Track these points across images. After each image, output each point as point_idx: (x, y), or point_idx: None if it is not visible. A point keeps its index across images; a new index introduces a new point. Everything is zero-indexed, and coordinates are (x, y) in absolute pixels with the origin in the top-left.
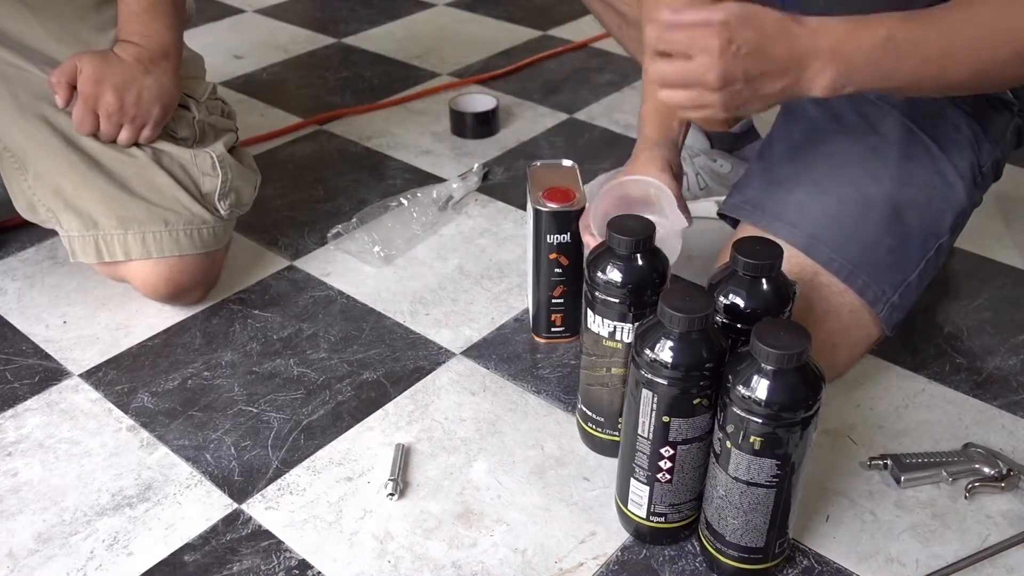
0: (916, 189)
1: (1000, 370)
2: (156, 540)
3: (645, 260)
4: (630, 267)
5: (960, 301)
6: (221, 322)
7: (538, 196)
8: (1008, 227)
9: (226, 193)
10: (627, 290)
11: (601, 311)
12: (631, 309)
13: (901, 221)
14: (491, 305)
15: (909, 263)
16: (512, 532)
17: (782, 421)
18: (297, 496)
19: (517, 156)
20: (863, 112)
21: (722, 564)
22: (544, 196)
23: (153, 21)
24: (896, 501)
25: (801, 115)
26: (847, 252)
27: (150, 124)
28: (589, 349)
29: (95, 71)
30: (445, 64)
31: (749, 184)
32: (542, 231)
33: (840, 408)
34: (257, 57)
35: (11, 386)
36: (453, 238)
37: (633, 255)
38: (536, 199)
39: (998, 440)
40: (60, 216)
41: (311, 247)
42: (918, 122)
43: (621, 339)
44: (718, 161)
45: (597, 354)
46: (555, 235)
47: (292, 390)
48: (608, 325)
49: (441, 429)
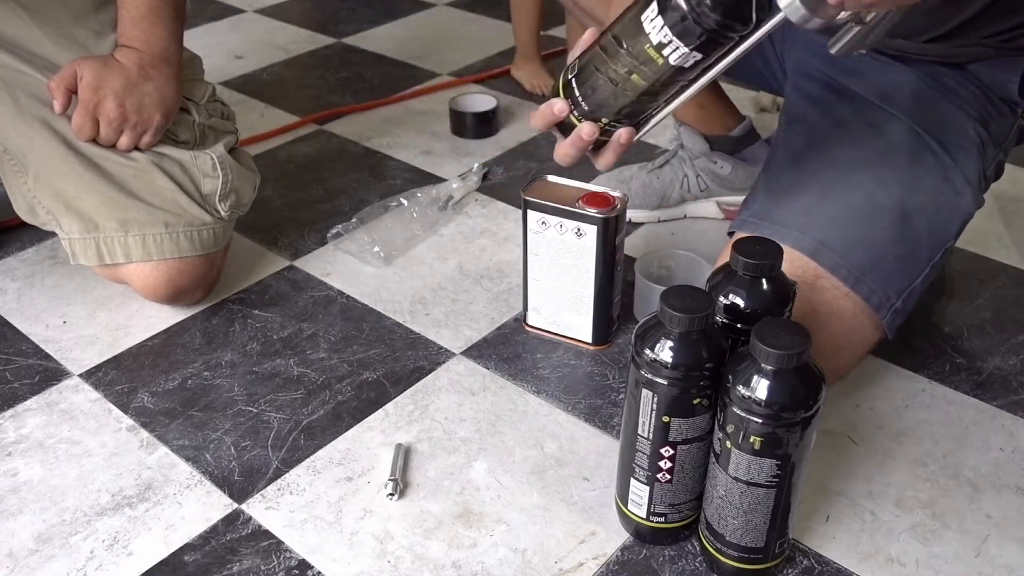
0: (924, 195)
1: (1000, 370)
2: (156, 540)
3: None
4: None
5: (960, 301)
6: (221, 322)
7: (581, 206)
8: (1008, 227)
9: (227, 194)
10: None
11: (671, 18)
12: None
13: (910, 227)
14: (491, 305)
15: (915, 269)
16: (512, 532)
17: (782, 421)
18: (297, 496)
19: (517, 156)
20: (869, 118)
21: (722, 564)
22: (586, 203)
23: (154, 27)
24: (896, 501)
25: (802, 123)
26: (855, 258)
27: (150, 131)
28: (623, 41)
29: (95, 77)
30: (445, 64)
31: (754, 199)
32: (608, 237)
33: (840, 408)
34: (257, 57)
35: (11, 386)
36: (453, 238)
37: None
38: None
39: (998, 440)
40: (60, 219)
41: (311, 247)
42: (925, 127)
43: (667, 56)
44: (718, 163)
45: (630, 52)
46: (620, 235)
47: (292, 390)
48: (666, 35)
49: (441, 429)
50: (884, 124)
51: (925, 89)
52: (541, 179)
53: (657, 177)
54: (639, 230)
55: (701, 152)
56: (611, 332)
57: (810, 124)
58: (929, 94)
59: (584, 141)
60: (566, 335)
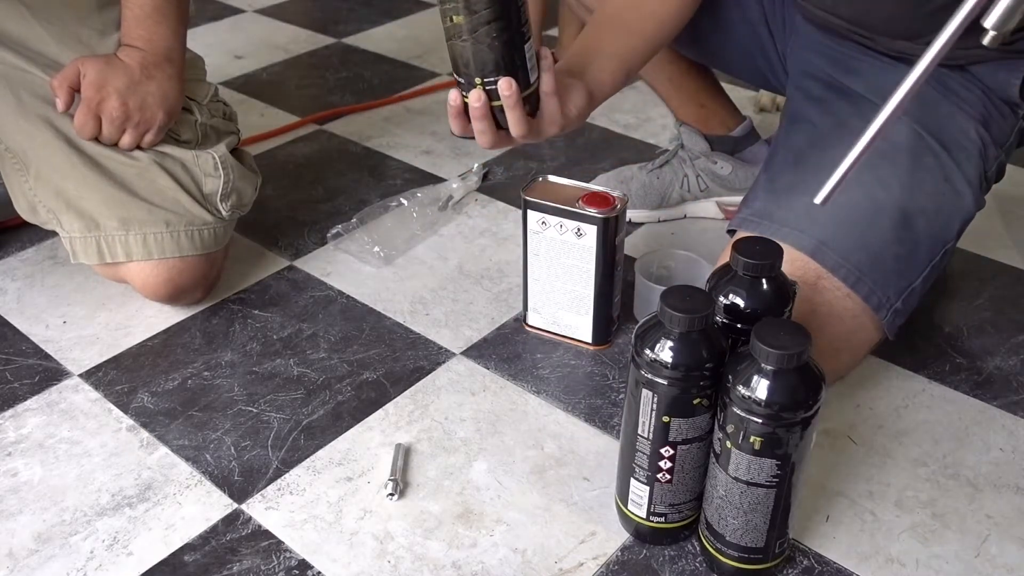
0: (925, 196)
1: (1000, 370)
2: (156, 540)
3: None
4: None
5: (960, 301)
6: (221, 322)
7: (581, 206)
8: (1008, 227)
9: (228, 194)
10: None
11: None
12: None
13: (910, 228)
14: (491, 305)
15: (915, 270)
16: (512, 532)
17: (782, 421)
18: (297, 496)
19: (517, 156)
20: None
21: (722, 564)
22: (586, 203)
23: (157, 26)
24: (896, 501)
25: (804, 122)
26: (855, 258)
27: (153, 129)
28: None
29: (98, 76)
30: (445, 64)
31: (755, 197)
32: (608, 237)
33: (840, 408)
34: (257, 57)
35: (11, 386)
36: (453, 238)
37: None
38: (581, 208)
39: (998, 440)
40: (61, 217)
41: (311, 247)
42: (927, 128)
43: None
44: (718, 163)
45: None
46: (620, 235)
47: (292, 390)
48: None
49: (441, 429)
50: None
51: (927, 90)
52: (541, 179)
53: (657, 177)
54: (639, 230)
55: (701, 152)
56: (611, 332)
57: (812, 123)
58: (931, 95)
59: (477, 108)
60: (566, 335)
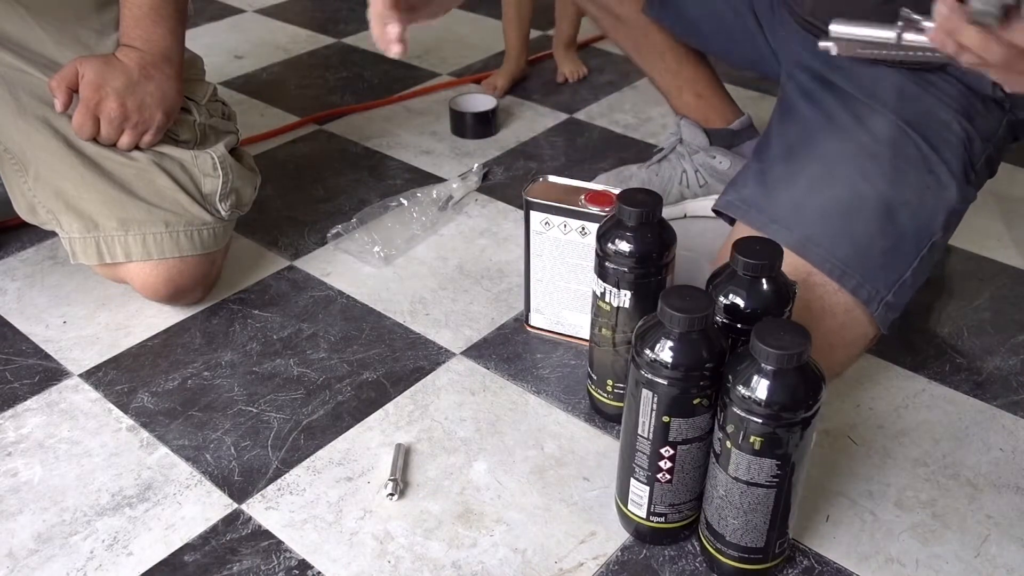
0: (908, 188)
1: (1000, 370)
2: (156, 540)
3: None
4: (636, 237)
5: (960, 301)
6: (221, 322)
7: (585, 204)
8: (1008, 227)
9: (227, 194)
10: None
11: (599, 272)
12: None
13: (894, 220)
14: (491, 305)
15: (903, 262)
16: (512, 532)
17: (782, 421)
18: (297, 496)
19: (517, 156)
20: (855, 112)
21: (722, 564)
22: (590, 202)
23: (155, 26)
24: (896, 501)
25: (796, 114)
26: (841, 252)
27: (152, 130)
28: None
29: (97, 76)
30: (445, 64)
31: (744, 182)
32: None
33: (840, 408)
34: (257, 57)
35: (11, 386)
36: (453, 238)
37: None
38: (585, 207)
39: (998, 440)
40: (61, 218)
41: (311, 247)
42: (909, 121)
43: (610, 302)
44: (717, 158)
45: (594, 312)
46: None
47: (292, 390)
48: (600, 286)
49: (441, 429)
50: (868, 118)
51: (909, 85)
52: (542, 179)
53: (656, 173)
54: None
55: (700, 147)
56: None
57: (802, 116)
58: (912, 90)
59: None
60: (570, 335)
